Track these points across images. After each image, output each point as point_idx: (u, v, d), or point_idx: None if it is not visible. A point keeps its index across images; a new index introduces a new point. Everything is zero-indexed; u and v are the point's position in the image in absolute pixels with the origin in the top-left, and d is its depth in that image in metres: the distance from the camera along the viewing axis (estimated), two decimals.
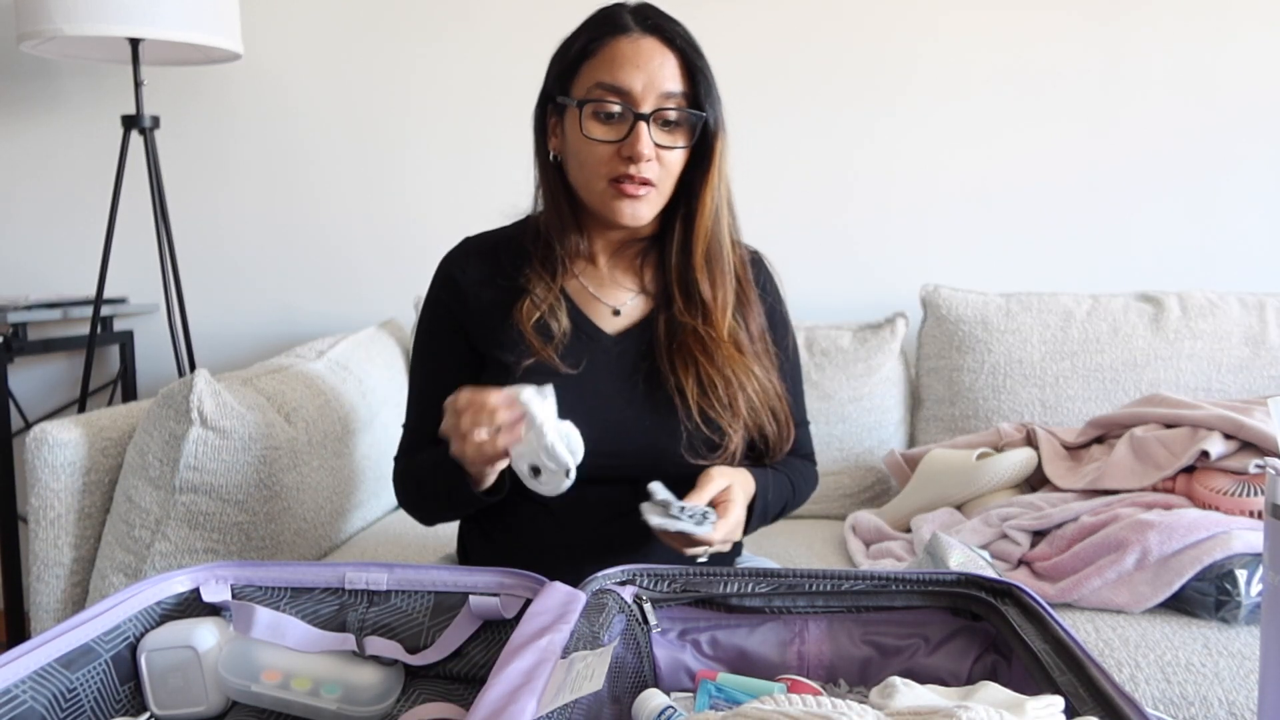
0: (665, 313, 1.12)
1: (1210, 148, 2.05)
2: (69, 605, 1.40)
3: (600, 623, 0.69)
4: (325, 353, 1.76)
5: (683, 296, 1.11)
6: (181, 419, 1.33)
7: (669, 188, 1.07)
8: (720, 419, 1.07)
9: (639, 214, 1.05)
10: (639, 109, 1.01)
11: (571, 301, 1.12)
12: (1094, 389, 1.80)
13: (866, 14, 2.07)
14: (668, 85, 1.02)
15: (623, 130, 1.02)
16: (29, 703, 0.64)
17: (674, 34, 1.04)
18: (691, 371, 1.07)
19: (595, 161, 1.03)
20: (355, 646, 0.77)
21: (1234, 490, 1.31)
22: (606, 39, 1.04)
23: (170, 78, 2.14)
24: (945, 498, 1.58)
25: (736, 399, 1.07)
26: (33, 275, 2.26)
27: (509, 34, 2.11)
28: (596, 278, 1.15)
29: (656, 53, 1.03)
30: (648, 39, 1.03)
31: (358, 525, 1.70)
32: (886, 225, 2.12)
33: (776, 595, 0.76)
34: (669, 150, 1.04)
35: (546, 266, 1.12)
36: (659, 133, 1.03)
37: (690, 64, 1.04)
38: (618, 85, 1.01)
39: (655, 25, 1.04)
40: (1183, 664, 1.13)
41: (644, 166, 1.02)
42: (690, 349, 1.08)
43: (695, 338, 1.08)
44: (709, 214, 1.08)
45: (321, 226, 2.21)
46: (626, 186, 1.03)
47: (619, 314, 1.13)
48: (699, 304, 1.10)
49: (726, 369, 1.07)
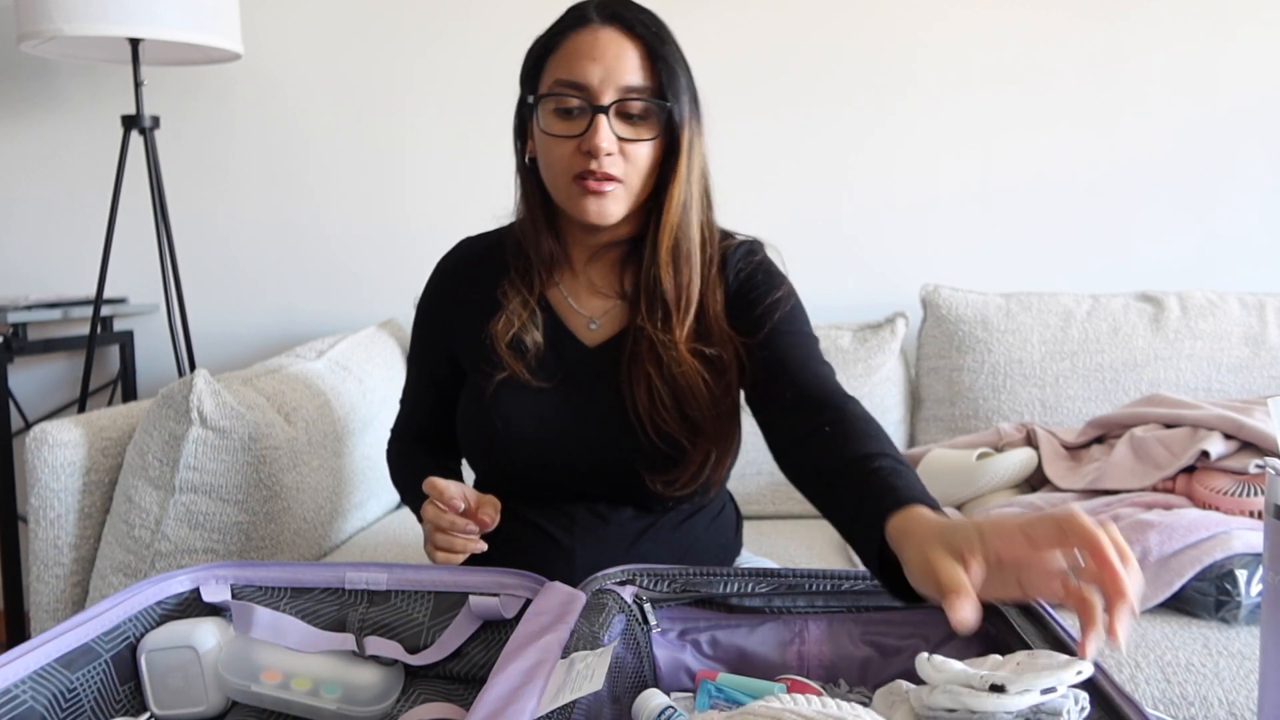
0: (635, 323, 1.06)
1: (1210, 148, 2.05)
2: (69, 605, 1.40)
3: (600, 623, 0.69)
4: (325, 353, 1.76)
5: (646, 299, 1.05)
6: (181, 419, 1.33)
7: (638, 183, 1.01)
8: (676, 434, 1.02)
9: (605, 211, 1.00)
10: (597, 102, 0.97)
11: (553, 312, 1.09)
12: (1094, 389, 1.80)
13: (866, 14, 2.06)
14: (628, 77, 0.98)
15: (582, 125, 0.97)
16: (29, 703, 0.64)
17: (635, 21, 0.99)
18: (643, 383, 1.02)
19: (558, 159, 1.00)
20: (355, 646, 0.77)
21: (1234, 490, 1.31)
22: (567, 33, 1.00)
23: (170, 78, 2.14)
24: (945, 498, 1.58)
25: (695, 409, 1.02)
26: (33, 275, 2.26)
27: (509, 34, 2.11)
28: (575, 286, 1.11)
29: (614, 43, 0.98)
30: (607, 29, 0.99)
31: (357, 525, 1.70)
32: (886, 225, 2.12)
33: (776, 595, 0.77)
34: (634, 144, 0.99)
35: (524, 278, 1.09)
36: (622, 126, 0.98)
37: (653, 52, 0.99)
38: (574, 80, 0.98)
39: (615, 14, 1.00)
40: (1183, 664, 1.13)
41: (606, 161, 0.97)
42: (643, 360, 1.03)
43: (649, 347, 1.03)
44: (675, 209, 1.02)
45: (321, 226, 2.21)
46: (589, 183, 0.98)
47: (595, 326, 1.09)
48: (660, 306, 1.04)
49: (681, 380, 1.02)
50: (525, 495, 1.09)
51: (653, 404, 1.02)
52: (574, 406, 1.06)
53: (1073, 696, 0.52)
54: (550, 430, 1.06)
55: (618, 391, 1.05)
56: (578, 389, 1.07)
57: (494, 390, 1.05)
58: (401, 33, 2.14)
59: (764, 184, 2.09)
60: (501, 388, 1.05)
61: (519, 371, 1.06)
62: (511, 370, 1.05)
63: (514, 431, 1.05)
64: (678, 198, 1.02)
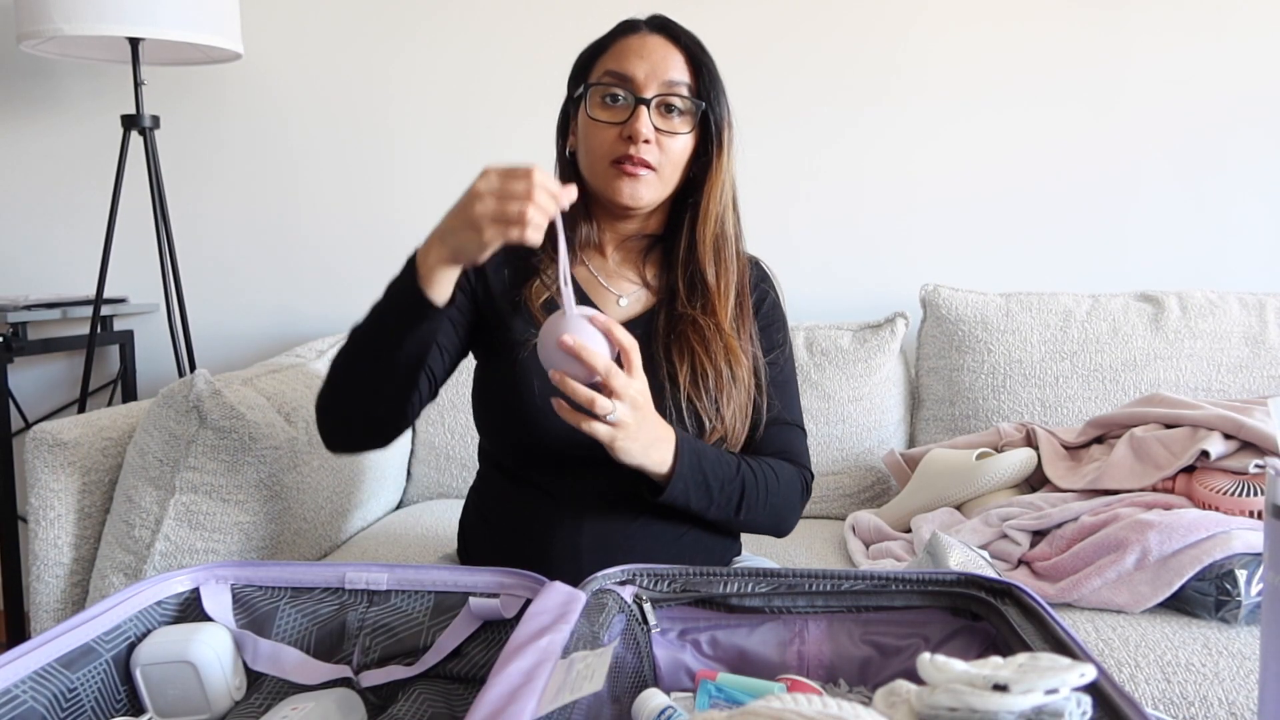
0: (667, 308, 1.15)
1: (1210, 147, 2.05)
2: (69, 605, 1.40)
3: (600, 623, 0.69)
4: (325, 353, 1.76)
5: (686, 288, 1.14)
6: (181, 419, 1.33)
7: (671, 175, 1.11)
8: (704, 411, 1.09)
9: (638, 194, 1.09)
10: (640, 94, 1.08)
11: (581, 287, 1.17)
12: (1094, 389, 1.80)
13: (865, 16, 2.07)
14: (671, 74, 1.09)
15: (625, 114, 1.08)
16: (29, 703, 0.64)
17: (680, 33, 1.12)
18: (686, 360, 1.10)
19: (599, 143, 1.09)
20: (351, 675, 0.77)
21: (1234, 490, 1.31)
22: (619, 37, 1.13)
23: (170, 78, 2.14)
24: (945, 498, 1.58)
25: (724, 393, 1.10)
26: (33, 275, 2.26)
27: (508, 36, 2.11)
28: (603, 268, 1.19)
29: (661, 47, 1.10)
30: (655, 36, 1.11)
31: (358, 525, 1.70)
32: (886, 225, 2.12)
33: (776, 595, 0.76)
34: (670, 136, 1.09)
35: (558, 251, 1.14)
36: (660, 118, 1.09)
37: (695, 59, 1.11)
38: (622, 72, 1.09)
39: (663, 25, 1.13)
40: (1183, 664, 1.13)
41: (643, 148, 1.07)
42: (688, 338, 1.11)
43: (694, 328, 1.11)
44: (716, 201, 1.13)
45: (322, 226, 2.21)
46: (626, 166, 1.08)
47: (623, 303, 1.17)
48: (702, 293, 1.13)
49: (720, 361, 1.10)
50: (539, 464, 1.11)
51: (695, 381, 1.09)
52: None
53: (1075, 699, 0.52)
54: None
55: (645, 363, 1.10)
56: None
57: (526, 353, 1.10)
58: (401, 33, 2.14)
59: (764, 185, 2.09)
60: (530, 355, 1.09)
61: None
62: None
63: (544, 394, 1.06)
64: (718, 191, 1.13)
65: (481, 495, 1.22)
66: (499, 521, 1.16)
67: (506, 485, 1.15)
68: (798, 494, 1.15)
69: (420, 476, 1.92)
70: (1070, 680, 0.51)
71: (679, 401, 1.08)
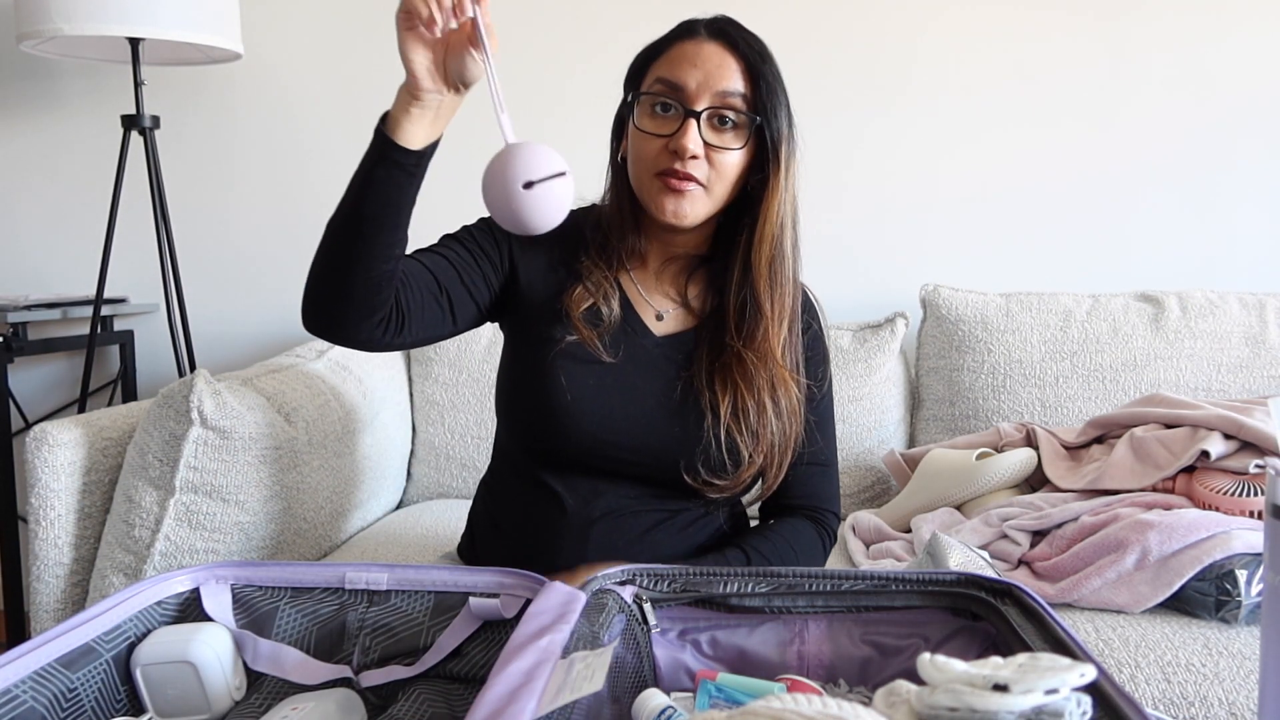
0: (711, 333, 1.11)
1: (1210, 147, 2.05)
2: (69, 605, 1.40)
3: (600, 623, 0.69)
4: (325, 353, 1.76)
5: (736, 314, 1.09)
6: (181, 419, 1.33)
7: (720, 192, 1.05)
8: (742, 446, 1.07)
9: (681, 210, 1.04)
10: (691, 106, 1.02)
11: (623, 293, 1.14)
12: (1094, 389, 1.80)
13: (865, 14, 2.07)
14: (725, 85, 1.02)
15: (673, 125, 1.02)
16: (29, 703, 0.64)
17: (739, 40, 1.05)
18: (729, 394, 1.06)
19: (645, 155, 1.04)
20: (351, 674, 0.77)
21: (1234, 490, 1.31)
22: (675, 42, 1.06)
23: (170, 78, 2.14)
24: (945, 498, 1.58)
25: (765, 429, 1.07)
26: (33, 275, 2.26)
27: (508, 34, 2.11)
28: (645, 280, 1.16)
29: (717, 55, 1.03)
30: (712, 43, 1.04)
31: (358, 525, 1.70)
32: (886, 225, 2.12)
33: (776, 595, 0.76)
34: (721, 151, 1.03)
35: (603, 256, 1.13)
36: (710, 132, 1.03)
37: (753, 69, 1.04)
38: (673, 80, 1.03)
39: (722, 30, 1.05)
40: (1183, 664, 1.13)
41: (690, 164, 1.02)
42: (733, 371, 1.07)
43: (739, 361, 1.07)
44: (774, 221, 1.06)
45: (321, 226, 2.20)
46: (671, 180, 1.02)
47: (662, 319, 1.14)
48: (753, 318, 1.08)
49: (764, 395, 1.07)
50: (557, 465, 1.10)
51: (735, 415, 1.06)
52: (634, 385, 1.09)
53: (1075, 699, 0.52)
54: (608, 403, 1.08)
55: (677, 383, 1.09)
56: (641, 370, 1.10)
57: (553, 357, 1.07)
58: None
59: None
60: (561, 356, 1.07)
61: (589, 339, 1.08)
62: (582, 337, 1.08)
63: (575, 396, 1.07)
64: (775, 211, 1.06)
65: (493, 492, 1.21)
66: (507, 523, 1.16)
67: (519, 485, 1.14)
68: (819, 556, 1.16)
69: (420, 476, 1.92)
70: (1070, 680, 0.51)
71: (718, 434, 1.06)
